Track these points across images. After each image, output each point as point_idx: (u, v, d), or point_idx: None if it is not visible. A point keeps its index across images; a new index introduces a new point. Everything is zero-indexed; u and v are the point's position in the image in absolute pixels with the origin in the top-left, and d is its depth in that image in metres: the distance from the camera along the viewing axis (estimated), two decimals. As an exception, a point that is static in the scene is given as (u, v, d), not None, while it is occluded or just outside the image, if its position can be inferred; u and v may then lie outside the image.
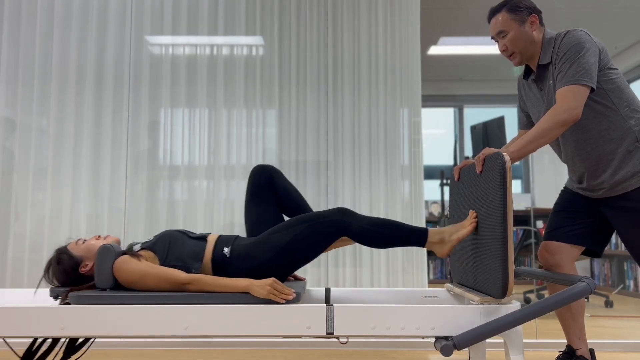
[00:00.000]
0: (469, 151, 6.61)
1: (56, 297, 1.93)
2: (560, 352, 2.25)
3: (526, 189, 6.36)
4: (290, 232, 1.91)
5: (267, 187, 2.15)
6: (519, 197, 5.92)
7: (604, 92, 2.05)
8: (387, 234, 1.90)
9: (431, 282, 5.82)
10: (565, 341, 3.04)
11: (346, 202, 3.30)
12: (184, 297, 1.78)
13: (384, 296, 2.30)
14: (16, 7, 3.36)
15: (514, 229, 5.44)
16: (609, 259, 5.63)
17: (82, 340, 2.18)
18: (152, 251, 1.94)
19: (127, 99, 3.33)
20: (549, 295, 2.17)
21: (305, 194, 3.31)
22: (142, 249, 1.95)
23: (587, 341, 2.96)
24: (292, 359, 2.81)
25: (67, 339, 2.10)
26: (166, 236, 1.99)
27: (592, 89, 1.98)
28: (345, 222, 1.89)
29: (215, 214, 3.28)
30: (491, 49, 5.79)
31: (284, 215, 2.20)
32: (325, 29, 3.39)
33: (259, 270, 1.92)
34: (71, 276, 1.95)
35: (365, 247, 3.27)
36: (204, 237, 2.01)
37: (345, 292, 2.32)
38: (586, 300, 4.58)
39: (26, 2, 3.36)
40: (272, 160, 3.33)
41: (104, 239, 2.01)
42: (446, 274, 5.93)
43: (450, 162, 6.60)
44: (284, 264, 1.92)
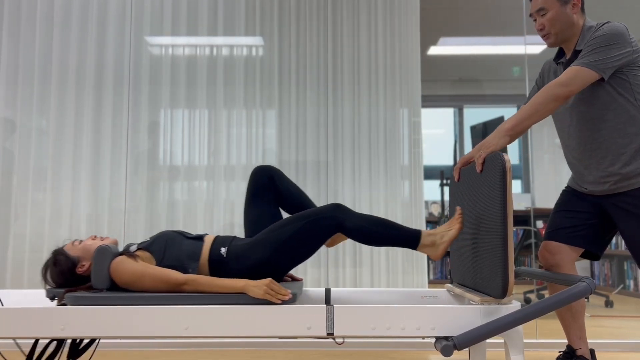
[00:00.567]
0: (468, 151, 6.60)
1: (52, 298, 1.92)
2: (560, 352, 2.25)
3: (526, 189, 6.36)
4: (285, 231, 1.91)
5: (266, 188, 2.15)
6: (518, 197, 5.92)
7: (629, 87, 2.03)
8: (380, 232, 1.90)
9: (431, 283, 5.81)
10: (565, 341, 3.04)
11: (346, 202, 3.30)
12: (182, 297, 1.78)
13: (384, 296, 2.30)
14: (16, 8, 3.36)
15: (514, 229, 5.44)
16: (609, 259, 5.63)
17: (86, 342, 2.18)
18: (149, 252, 1.94)
19: (127, 99, 3.33)
20: (549, 295, 2.17)
21: (305, 194, 3.31)
22: (138, 249, 1.95)
23: (588, 341, 2.96)
24: (292, 359, 2.81)
25: (70, 341, 2.10)
26: (163, 237, 1.99)
27: (602, 79, 1.98)
28: (339, 218, 1.90)
29: (215, 215, 3.28)
30: (491, 49, 5.79)
31: (288, 214, 2.20)
32: (325, 30, 3.39)
33: (255, 269, 1.92)
34: (68, 277, 1.95)
35: (365, 248, 3.27)
36: (200, 238, 2.01)
37: (345, 292, 2.32)
38: (586, 300, 4.58)
39: (26, 3, 3.36)
40: (272, 160, 3.33)
41: (101, 239, 2.01)
42: (446, 274, 5.93)
43: (450, 162, 6.60)
44: (280, 262, 1.93)
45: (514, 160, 6.47)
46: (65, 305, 1.81)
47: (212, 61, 3.37)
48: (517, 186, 6.51)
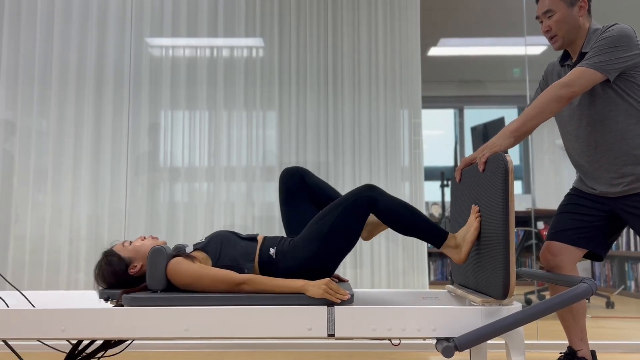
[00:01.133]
0: (469, 152, 6.61)
1: (107, 299, 1.93)
2: (561, 353, 2.24)
3: (527, 189, 6.35)
4: (326, 221, 1.92)
5: (299, 189, 2.17)
6: (519, 198, 5.92)
7: (638, 89, 2.04)
8: (410, 219, 1.91)
9: (432, 284, 5.81)
10: (566, 342, 3.04)
11: (347, 203, 3.30)
12: (240, 298, 1.78)
13: (385, 297, 2.30)
14: (16, 9, 3.36)
15: (515, 230, 5.43)
16: (610, 260, 5.62)
17: (85, 344, 2.17)
18: (205, 252, 1.96)
19: (127, 101, 3.33)
20: (550, 296, 2.16)
21: (305, 195, 3.30)
22: (194, 250, 1.97)
23: (589, 342, 2.95)
24: (293, 360, 2.81)
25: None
26: (218, 237, 2.01)
27: (607, 80, 1.99)
28: (372, 197, 1.91)
29: (215, 216, 3.28)
30: (491, 50, 5.79)
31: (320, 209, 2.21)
32: (325, 31, 3.39)
33: (305, 266, 1.93)
34: (120, 277, 1.97)
35: (365, 248, 3.27)
36: (254, 238, 2.03)
37: (346, 293, 2.31)
38: (587, 301, 4.58)
39: (26, 3, 3.36)
40: (272, 161, 3.33)
41: (152, 238, 2.03)
42: (447, 275, 5.92)
43: (450, 163, 6.60)
44: (328, 255, 1.93)
45: (515, 161, 6.47)
46: (122, 306, 1.81)
47: (213, 62, 3.37)
48: (517, 187, 6.51)
